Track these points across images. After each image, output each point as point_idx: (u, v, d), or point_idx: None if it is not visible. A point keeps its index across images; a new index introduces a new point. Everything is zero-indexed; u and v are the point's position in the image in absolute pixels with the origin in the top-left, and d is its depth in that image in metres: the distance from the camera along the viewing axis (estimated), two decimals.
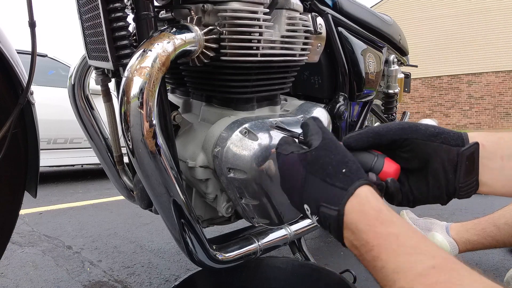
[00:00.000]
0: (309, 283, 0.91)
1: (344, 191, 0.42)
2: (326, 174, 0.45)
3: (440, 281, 0.33)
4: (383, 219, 0.40)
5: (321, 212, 0.44)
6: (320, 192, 0.45)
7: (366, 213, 0.40)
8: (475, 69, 12.58)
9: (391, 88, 1.38)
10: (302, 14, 0.82)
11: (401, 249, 0.37)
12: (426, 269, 0.34)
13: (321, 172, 0.45)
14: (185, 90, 0.90)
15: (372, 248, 0.39)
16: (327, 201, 0.44)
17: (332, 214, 0.43)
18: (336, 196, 0.43)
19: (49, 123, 2.92)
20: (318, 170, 0.46)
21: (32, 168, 0.80)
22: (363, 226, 0.40)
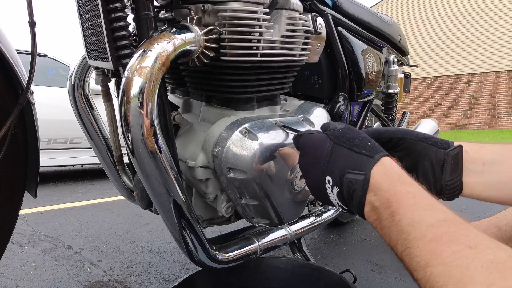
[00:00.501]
0: (309, 283, 0.91)
1: (371, 158, 0.47)
2: (353, 145, 0.49)
3: (449, 232, 0.37)
4: (403, 181, 0.44)
5: (346, 179, 0.48)
6: (347, 160, 0.49)
7: (389, 175, 0.45)
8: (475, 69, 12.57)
9: (391, 88, 1.38)
10: (302, 14, 0.82)
11: (417, 205, 0.41)
12: (438, 221, 0.38)
13: (349, 143, 0.50)
14: (185, 90, 0.90)
15: (391, 204, 0.43)
16: (354, 167, 0.48)
17: (359, 178, 0.47)
18: (363, 162, 0.47)
19: (49, 123, 2.92)
20: (346, 142, 0.50)
21: (32, 168, 0.80)
22: (385, 185, 0.44)
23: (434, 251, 0.36)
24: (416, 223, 0.39)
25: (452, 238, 0.36)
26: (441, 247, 0.35)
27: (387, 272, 1.26)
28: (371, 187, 0.46)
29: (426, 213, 0.40)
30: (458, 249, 0.35)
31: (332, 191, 0.50)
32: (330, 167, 0.50)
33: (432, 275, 0.35)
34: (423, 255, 0.36)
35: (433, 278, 0.34)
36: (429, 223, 0.38)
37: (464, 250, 0.34)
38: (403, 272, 1.29)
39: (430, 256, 0.36)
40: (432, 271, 0.35)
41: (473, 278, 0.32)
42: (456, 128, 12.81)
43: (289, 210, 0.79)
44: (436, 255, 0.35)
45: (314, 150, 0.53)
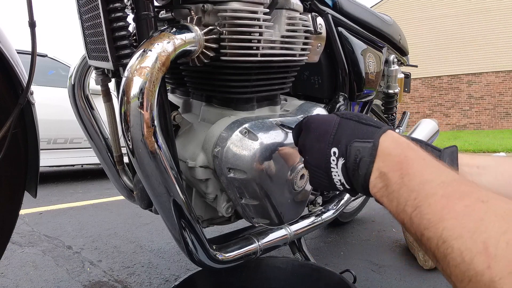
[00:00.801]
0: (309, 283, 0.91)
1: (379, 128, 0.48)
2: (361, 118, 0.51)
3: (460, 189, 0.37)
4: (413, 147, 0.45)
5: (354, 147, 0.49)
6: (354, 131, 0.50)
7: (398, 142, 0.46)
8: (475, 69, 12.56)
9: (391, 88, 1.38)
10: (302, 14, 0.82)
11: (427, 166, 0.42)
12: (449, 179, 0.38)
13: (356, 117, 0.52)
14: (185, 90, 0.90)
15: (401, 167, 0.43)
16: (362, 136, 0.49)
17: (367, 145, 0.47)
18: (371, 131, 0.49)
19: (49, 123, 2.92)
20: (353, 116, 0.52)
21: (32, 168, 0.80)
22: (395, 151, 0.45)
23: (446, 206, 0.36)
24: (427, 181, 0.39)
25: (463, 194, 0.36)
26: (453, 202, 0.35)
27: (387, 272, 1.26)
28: (379, 153, 0.46)
29: (438, 172, 0.40)
30: (470, 203, 0.35)
31: (336, 165, 0.50)
32: (336, 139, 0.51)
33: (445, 229, 0.34)
34: (435, 212, 0.36)
35: (446, 232, 0.34)
36: (440, 181, 0.39)
37: (476, 204, 0.34)
38: (403, 272, 1.30)
39: (443, 211, 0.36)
40: (445, 225, 0.35)
41: (487, 227, 0.32)
42: (456, 128, 12.81)
43: (289, 210, 0.79)
44: (449, 210, 0.35)
45: (320, 126, 0.54)
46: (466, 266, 0.32)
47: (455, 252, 0.33)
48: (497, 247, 0.30)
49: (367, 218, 1.95)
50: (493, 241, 0.31)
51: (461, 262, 0.32)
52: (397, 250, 1.48)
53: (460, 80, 12.87)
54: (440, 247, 0.34)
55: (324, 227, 1.74)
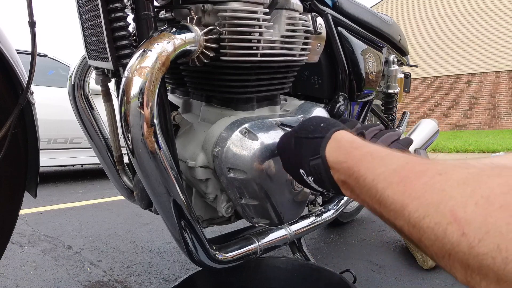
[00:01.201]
0: (309, 283, 0.91)
1: (322, 139, 0.49)
2: (308, 132, 0.52)
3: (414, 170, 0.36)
4: (356, 146, 0.45)
5: (311, 167, 0.50)
6: (307, 149, 0.51)
7: (342, 147, 0.46)
8: (475, 69, 12.56)
9: (391, 88, 1.38)
10: (302, 14, 0.82)
11: (375, 160, 0.41)
12: (401, 164, 0.38)
13: (305, 133, 0.53)
14: (185, 90, 0.90)
15: (353, 171, 0.43)
16: (312, 153, 0.50)
17: (318, 162, 0.48)
18: (317, 145, 0.49)
19: (49, 123, 2.92)
20: (303, 132, 0.54)
21: (32, 168, 0.80)
22: (342, 157, 0.45)
23: (405, 191, 0.34)
24: (380, 175, 0.39)
25: (419, 174, 0.35)
26: (410, 185, 0.34)
27: (387, 272, 1.26)
28: (330, 165, 0.47)
29: (386, 163, 0.39)
30: (428, 179, 0.33)
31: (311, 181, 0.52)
32: (298, 160, 0.53)
33: (411, 213, 0.33)
34: (397, 200, 0.35)
35: (412, 216, 0.33)
36: (392, 169, 0.38)
37: (434, 177, 0.33)
38: (403, 272, 1.30)
39: (403, 196, 0.34)
40: (409, 210, 0.33)
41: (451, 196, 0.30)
42: (456, 128, 12.81)
43: (289, 210, 0.79)
44: (409, 193, 0.34)
45: (285, 151, 0.57)
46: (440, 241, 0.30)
47: (427, 232, 0.31)
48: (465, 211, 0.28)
49: (367, 218, 1.95)
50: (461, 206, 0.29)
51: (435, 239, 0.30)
52: (397, 250, 1.48)
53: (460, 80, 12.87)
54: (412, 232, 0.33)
55: (324, 227, 1.74)
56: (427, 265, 1.26)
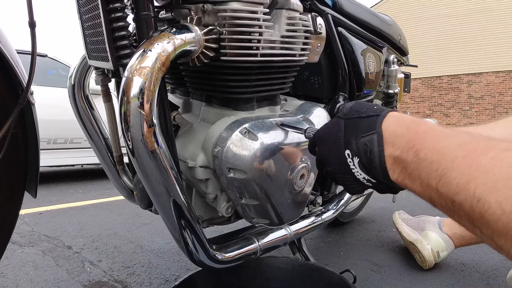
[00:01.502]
0: (309, 283, 0.91)
1: (378, 116, 0.48)
2: (361, 112, 0.51)
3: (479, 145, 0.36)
4: (418, 122, 0.45)
5: (361, 143, 0.48)
6: (359, 128, 0.50)
7: (402, 121, 0.46)
8: (475, 69, 12.56)
9: (391, 88, 1.38)
10: (302, 14, 0.82)
11: (439, 135, 0.41)
12: (466, 140, 0.38)
13: (357, 114, 0.52)
14: (185, 90, 0.90)
15: (414, 144, 0.42)
16: (366, 130, 0.49)
17: (372, 137, 0.47)
18: (372, 122, 0.48)
19: (49, 123, 2.92)
20: (354, 114, 0.52)
21: (32, 168, 0.80)
22: (401, 130, 0.44)
23: (472, 165, 0.34)
24: (445, 148, 0.38)
25: (485, 149, 0.35)
26: (478, 159, 0.34)
27: (387, 272, 1.26)
28: (386, 140, 0.46)
29: (452, 138, 0.39)
30: (495, 154, 0.33)
31: (355, 165, 0.50)
32: (346, 140, 0.51)
33: (477, 187, 0.33)
34: (462, 173, 0.35)
35: (478, 189, 0.33)
36: (457, 143, 0.38)
37: (501, 153, 0.33)
38: (403, 272, 1.30)
39: (469, 170, 0.34)
40: (476, 183, 0.33)
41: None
42: None
43: (289, 210, 0.79)
44: (476, 167, 0.34)
45: (330, 135, 0.55)
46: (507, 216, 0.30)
47: (493, 206, 0.31)
48: None
49: (367, 218, 1.95)
50: None
51: (502, 213, 0.30)
52: (397, 250, 1.48)
53: (460, 80, 12.87)
54: (475, 207, 0.33)
55: (324, 227, 1.74)
56: (426, 265, 1.26)
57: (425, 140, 0.41)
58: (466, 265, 1.31)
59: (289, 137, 0.73)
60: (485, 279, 1.20)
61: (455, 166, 0.36)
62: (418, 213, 1.54)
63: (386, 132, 0.46)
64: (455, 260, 1.35)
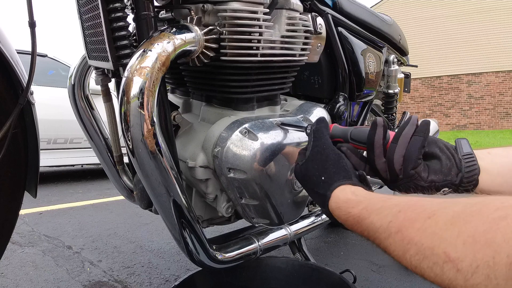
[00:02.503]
0: (309, 283, 0.91)
1: (325, 196, 0.55)
2: (313, 185, 0.58)
3: (407, 217, 0.41)
4: (352, 204, 0.51)
5: (325, 212, 0.57)
6: (316, 199, 0.58)
7: (341, 208, 0.53)
8: (475, 69, 12.56)
9: (391, 88, 1.38)
10: (302, 14, 0.82)
11: (372, 216, 0.47)
12: (394, 215, 0.43)
13: (310, 185, 0.59)
14: (185, 90, 0.90)
15: (356, 228, 0.51)
16: (320, 204, 0.57)
17: (328, 213, 0.55)
18: (322, 200, 0.56)
19: (49, 123, 2.92)
20: (308, 184, 0.59)
21: (32, 168, 0.80)
22: (343, 217, 0.53)
23: (404, 239, 0.40)
24: (378, 228, 0.45)
25: (411, 219, 0.40)
26: (406, 232, 0.40)
27: (387, 272, 1.26)
28: (337, 217, 0.54)
29: (382, 216, 0.45)
30: (420, 224, 0.38)
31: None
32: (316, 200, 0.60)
33: (411, 257, 0.38)
34: (397, 247, 0.41)
35: (412, 258, 0.38)
36: (388, 221, 0.43)
37: (425, 222, 0.38)
38: (403, 272, 1.30)
39: (402, 244, 0.40)
40: (410, 254, 0.39)
41: (443, 238, 0.35)
42: (456, 128, 12.80)
43: (289, 210, 0.79)
44: (407, 240, 0.39)
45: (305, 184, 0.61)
46: (440, 278, 0.35)
47: (427, 271, 0.36)
48: (456, 250, 0.33)
49: None
50: (452, 247, 0.34)
51: (435, 276, 0.35)
52: None
53: (460, 80, 12.87)
54: (416, 271, 0.38)
55: (324, 227, 1.74)
56: None
57: (361, 224, 0.49)
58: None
59: (289, 137, 0.73)
60: None
61: (391, 242, 0.42)
62: None
63: (334, 214, 0.54)
64: None
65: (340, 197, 0.54)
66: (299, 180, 0.61)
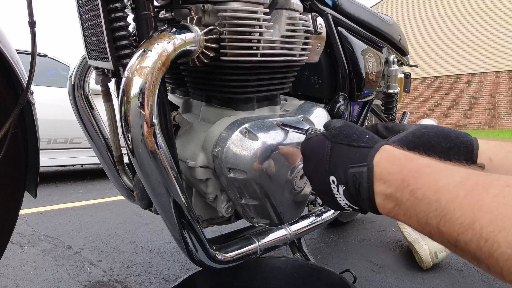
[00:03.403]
0: (309, 283, 0.91)
1: (371, 148, 0.46)
2: (351, 140, 0.49)
3: (479, 182, 0.35)
4: (411, 158, 0.43)
5: (350, 174, 0.47)
6: (347, 156, 0.48)
7: (395, 157, 0.44)
8: (475, 69, 12.56)
9: (391, 88, 1.38)
10: (302, 14, 0.82)
11: (435, 172, 0.39)
12: (463, 178, 0.37)
13: (347, 140, 0.49)
14: (185, 90, 0.90)
15: (408, 183, 0.41)
16: (355, 161, 0.47)
17: (362, 170, 0.45)
18: (363, 154, 0.46)
19: (49, 123, 2.92)
20: (343, 139, 0.50)
21: (32, 168, 0.80)
22: (395, 168, 0.43)
23: (475, 204, 0.33)
24: (443, 187, 0.37)
25: (485, 186, 0.34)
26: (479, 197, 0.34)
27: (387, 272, 1.26)
28: (377, 176, 0.44)
29: (448, 175, 0.38)
30: (497, 191, 0.33)
31: (338, 191, 0.49)
32: (332, 167, 0.50)
33: (483, 227, 0.32)
34: (465, 213, 0.34)
35: (485, 229, 0.32)
36: (456, 182, 0.37)
37: (504, 190, 0.33)
38: (403, 272, 1.30)
39: (472, 210, 0.33)
40: (482, 223, 0.32)
41: None
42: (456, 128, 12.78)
43: (289, 210, 0.79)
44: (479, 206, 0.33)
45: (314, 154, 0.53)
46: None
47: (503, 246, 0.31)
48: None
49: (367, 218, 1.95)
50: None
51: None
52: (397, 250, 1.48)
53: (460, 80, 12.87)
54: (483, 248, 0.32)
55: (324, 227, 1.74)
56: (424, 266, 1.26)
57: (420, 178, 0.40)
58: (466, 265, 1.30)
59: (289, 137, 0.73)
60: (485, 279, 1.20)
61: (456, 206, 0.35)
62: None
63: (378, 167, 0.45)
64: (455, 260, 1.35)
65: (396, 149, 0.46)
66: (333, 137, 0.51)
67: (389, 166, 0.44)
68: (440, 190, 0.37)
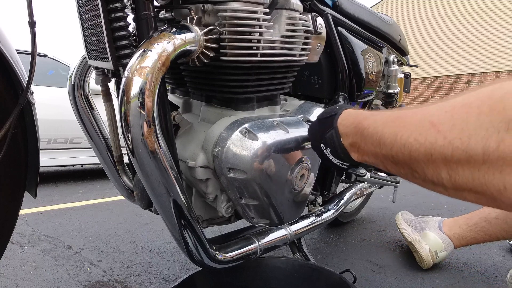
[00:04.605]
0: (309, 283, 0.91)
1: (335, 114, 0.60)
2: (326, 113, 0.64)
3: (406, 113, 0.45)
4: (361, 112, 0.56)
5: (327, 138, 0.60)
6: (325, 125, 0.62)
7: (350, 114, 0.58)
8: (475, 69, 12.56)
9: (391, 88, 1.38)
10: (302, 14, 0.82)
11: (376, 115, 0.52)
12: (395, 112, 0.47)
13: (325, 114, 0.64)
14: (185, 90, 0.90)
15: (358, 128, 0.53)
16: (328, 127, 0.61)
17: (332, 133, 0.59)
18: (331, 119, 0.60)
19: (49, 123, 2.92)
20: (323, 114, 0.65)
21: (32, 168, 0.80)
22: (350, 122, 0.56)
23: (398, 124, 0.45)
24: (378, 121, 0.49)
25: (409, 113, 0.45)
26: (401, 119, 0.44)
27: (387, 272, 1.26)
28: (341, 132, 0.57)
29: (384, 114, 0.49)
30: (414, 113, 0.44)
31: (328, 154, 0.61)
32: (320, 136, 0.63)
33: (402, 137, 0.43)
34: (391, 132, 0.45)
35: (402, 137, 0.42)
36: (387, 115, 0.48)
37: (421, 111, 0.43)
38: (403, 272, 1.30)
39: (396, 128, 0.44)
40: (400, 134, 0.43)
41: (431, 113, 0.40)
42: None
43: (289, 210, 0.79)
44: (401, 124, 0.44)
45: (312, 132, 0.67)
46: (423, 146, 0.39)
47: (413, 144, 0.41)
48: (439, 117, 0.39)
49: (367, 218, 1.95)
50: (435, 116, 0.39)
51: (419, 146, 0.40)
52: (397, 250, 1.48)
53: (460, 80, 12.87)
54: (404, 152, 0.42)
55: (324, 227, 1.74)
56: (424, 265, 1.26)
57: (365, 121, 0.52)
58: (466, 265, 1.30)
59: (289, 137, 0.73)
60: (485, 279, 1.20)
61: (386, 130, 0.46)
62: (418, 213, 1.54)
63: (341, 126, 0.58)
64: (455, 260, 1.35)
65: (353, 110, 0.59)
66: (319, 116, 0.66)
67: (346, 123, 0.57)
68: (376, 123, 0.49)
